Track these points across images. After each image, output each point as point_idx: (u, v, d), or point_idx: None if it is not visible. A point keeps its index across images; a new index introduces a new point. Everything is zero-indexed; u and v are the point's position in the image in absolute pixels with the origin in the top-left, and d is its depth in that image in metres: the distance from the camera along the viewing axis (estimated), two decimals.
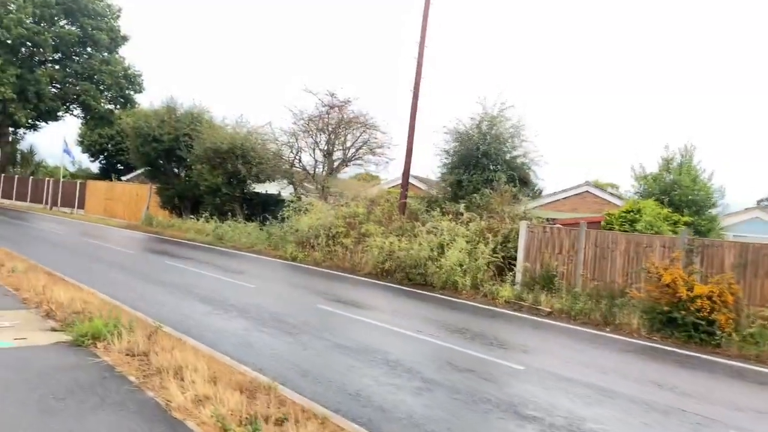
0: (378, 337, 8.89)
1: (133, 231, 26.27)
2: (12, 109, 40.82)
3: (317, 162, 22.29)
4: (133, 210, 33.72)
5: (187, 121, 27.67)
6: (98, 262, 15.05)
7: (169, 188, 28.36)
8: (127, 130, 28.30)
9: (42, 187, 41.22)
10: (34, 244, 17.66)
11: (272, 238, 20.73)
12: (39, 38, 41.25)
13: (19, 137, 49.43)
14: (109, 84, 45.57)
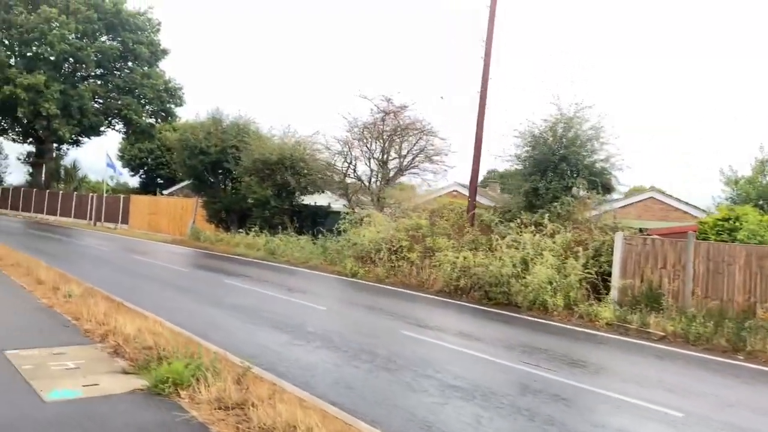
0: (486, 373, 7.63)
1: (180, 246, 25.52)
2: (56, 125, 40.86)
3: (372, 171, 21.14)
4: (178, 224, 33.12)
5: (234, 132, 26.89)
6: (153, 281, 14.12)
7: (216, 201, 27.58)
8: (173, 143, 27.63)
9: (85, 203, 41.07)
10: (84, 263, 16.89)
11: (328, 253, 19.63)
12: (81, 54, 41.29)
13: (63, 153, 49.68)
14: (151, 98, 45.41)
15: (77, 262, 16.75)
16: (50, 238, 25.74)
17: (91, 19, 42.08)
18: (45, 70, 41.14)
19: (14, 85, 38.72)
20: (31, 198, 45.58)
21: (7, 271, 13.08)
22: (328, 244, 20.39)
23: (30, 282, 11.69)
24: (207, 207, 28.24)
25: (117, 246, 23.80)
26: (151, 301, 10.84)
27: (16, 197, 47.13)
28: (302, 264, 19.80)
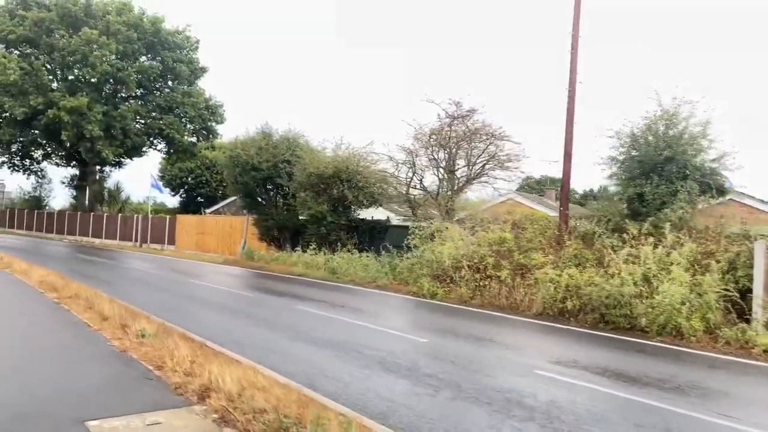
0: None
1: (233, 267, 24.36)
2: (99, 146, 40.45)
3: (441, 181, 19.61)
4: (227, 243, 32.09)
5: (284, 147, 25.72)
6: (223, 310, 12.81)
7: (268, 219, 26.39)
8: (222, 159, 26.62)
9: (131, 224, 40.49)
10: (143, 291, 15.73)
11: (398, 271, 18.14)
12: (122, 74, 40.92)
13: (106, 175, 49.47)
14: (192, 116, 44.86)
15: (136, 290, 15.61)
16: (100, 262, 24.87)
17: (131, 39, 41.77)
18: (87, 92, 40.90)
19: (58, 108, 38.45)
20: (75, 221, 45.32)
21: (68, 305, 11.92)
22: (396, 262, 18.91)
23: (94, 318, 10.46)
24: (258, 225, 27.07)
25: (169, 269, 22.73)
26: (232, 337, 9.49)
27: (61, 221, 46.97)
28: (369, 284, 18.35)
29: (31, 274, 17.18)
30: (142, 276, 19.98)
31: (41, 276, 16.63)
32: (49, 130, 40.03)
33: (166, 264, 25.21)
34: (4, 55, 38.68)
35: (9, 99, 38.42)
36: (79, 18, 41.22)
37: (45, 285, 14.87)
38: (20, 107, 38.34)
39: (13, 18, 41.96)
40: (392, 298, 15.86)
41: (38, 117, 39.39)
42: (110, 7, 42.68)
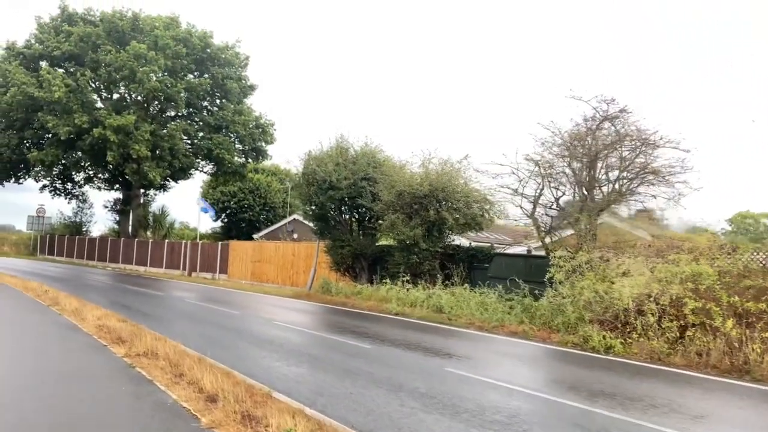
0: None
1: (307, 302, 20.85)
2: (146, 167, 37.67)
3: (584, 197, 15.84)
4: (288, 273, 28.69)
5: (364, 162, 22.33)
6: (346, 375, 9.20)
7: (344, 245, 22.89)
8: (294, 177, 23.32)
9: (178, 251, 37.46)
10: (226, 339, 12.24)
11: (536, 313, 14.38)
12: (171, 91, 38.29)
13: (150, 199, 46.79)
14: (242, 135, 41.99)
15: (217, 338, 12.16)
16: (154, 296, 21.61)
17: (180, 54, 39.23)
18: (133, 110, 38.35)
19: (103, 127, 35.86)
20: (118, 248, 42.54)
21: (145, 369, 8.49)
22: (528, 301, 15.18)
23: (192, 397, 6.98)
24: (332, 252, 23.58)
25: (239, 305, 19.32)
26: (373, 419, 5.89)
27: (103, 248, 44.28)
28: (495, 329, 14.60)
29: (85, 315, 13.91)
30: (211, 315, 16.57)
31: (97, 317, 13.34)
32: (93, 150, 37.43)
33: (229, 298, 21.84)
34: (48, 70, 36.33)
35: (53, 117, 35.98)
36: (126, 33, 38.91)
37: (106, 333, 11.51)
38: (64, 126, 35.85)
39: (58, 34, 39.89)
40: (551, 353, 12.09)
41: (83, 137, 36.86)
42: (157, 23, 40.32)
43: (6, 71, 37.67)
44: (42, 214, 53.23)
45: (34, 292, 19.62)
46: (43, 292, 19.19)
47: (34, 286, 21.06)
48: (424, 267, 20.07)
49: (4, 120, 38.78)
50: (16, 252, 54.17)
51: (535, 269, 17.75)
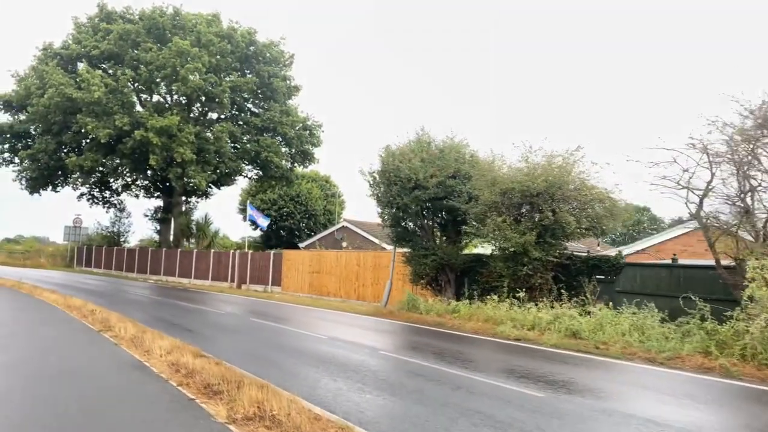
0: None
1: (389, 321, 17.68)
2: (191, 172, 34.99)
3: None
4: (354, 286, 25.58)
5: (451, 158, 19.13)
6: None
7: (428, 254, 19.67)
8: (370, 176, 20.20)
9: (226, 262, 34.67)
10: (322, 376, 9.07)
11: (733, 342, 10.95)
12: (215, 90, 35.64)
13: (192, 206, 44.26)
14: (290, 137, 39.14)
15: (310, 375, 9.00)
16: (212, 313, 18.63)
17: (224, 51, 36.65)
18: (176, 110, 35.79)
19: (145, 129, 33.33)
20: (160, 259, 39.96)
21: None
22: (710, 326, 11.75)
23: None
24: (413, 262, 20.37)
25: (304, 322, 16.24)
26: None
27: (143, 259, 41.77)
28: (671, 361, 11.19)
29: (148, 345, 10.92)
30: (289, 341, 13.48)
31: (166, 350, 10.31)
32: (135, 154, 34.93)
33: (292, 315, 18.78)
34: (87, 69, 33.98)
35: (92, 120, 33.56)
36: (166, 30, 36.47)
37: (187, 376, 8.43)
38: (104, 129, 33.40)
39: (96, 33, 37.67)
40: None
41: (123, 140, 34.37)
42: (199, 20, 37.85)
43: (43, 72, 35.50)
44: (79, 224, 51.15)
45: (79, 311, 16.79)
46: (89, 312, 16.33)
47: (78, 304, 18.26)
48: (535, 280, 16.75)
49: (42, 124, 36.57)
50: (52, 264, 52.15)
51: (685, 282, 14.35)
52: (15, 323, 14.71)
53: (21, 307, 18.59)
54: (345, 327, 16.52)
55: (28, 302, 20.10)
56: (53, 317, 15.93)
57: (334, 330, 15.72)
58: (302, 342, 13.30)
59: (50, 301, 19.87)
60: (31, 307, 18.66)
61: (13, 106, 38.42)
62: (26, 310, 17.76)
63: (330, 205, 56.88)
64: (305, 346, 12.70)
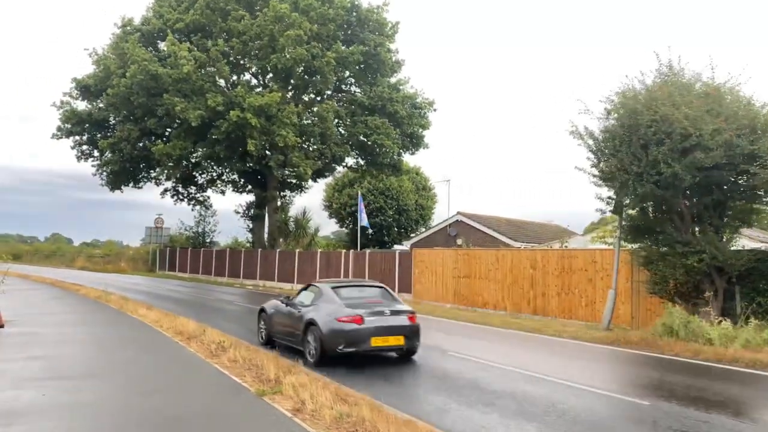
0: None
1: (634, 352, 11.33)
2: (295, 158, 29.54)
3: None
4: (527, 295, 19.35)
5: (735, 106, 12.56)
6: None
7: (689, 252, 13.14)
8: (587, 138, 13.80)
9: (336, 264, 29.12)
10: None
11: None
12: (319, 62, 30.02)
13: (288, 200, 39.02)
14: (401, 117, 33.18)
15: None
16: None
17: (326, 16, 31.01)
18: (275, 88, 30.50)
19: (241, 109, 28.13)
20: (254, 261, 34.83)
21: None
22: None
23: None
24: (659, 264, 13.89)
25: (492, 351, 10.10)
26: None
27: (235, 261, 36.82)
28: None
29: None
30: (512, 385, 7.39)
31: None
32: (230, 140, 29.76)
33: (477, 340, 12.73)
34: (173, 41, 29.08)
35: (180, 100, 28.58)
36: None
37: None
38: (195, 109, 28.38)
39: (180, 5, 32.91)
40: None
41: (216, 122, 29.27)
42: None
43: (124, 49, 30.88)
44: (161, 224, 47.00)
45: (199, 343, 11.31)
46: (216, 345, 10.76)
47: (190, 328, 12.80)
48: None
49: (123, 108, 32.01)
50: (133, 268, 48.28)
51: None
52: (112, 376, 9.21)
53: (115, 338, 13.26)
54: (563, 358, 10.31)
55: (121, 325, 14.87)
56: (174, 362, 10.40)
57: (566, 368, 9.48)
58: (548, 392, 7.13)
59: (151, 323, 14.56)
60: (129, 335, 13.35)
61: (91, 92, 34.12)
62: (124, 344, 12.39)
63: (422, 200, 50.98)
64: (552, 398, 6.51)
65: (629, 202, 13.54)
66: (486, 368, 9.82)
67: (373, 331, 9.82)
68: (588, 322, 16.94)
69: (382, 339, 9.93)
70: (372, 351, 10.05)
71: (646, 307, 15.80)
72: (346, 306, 10.10)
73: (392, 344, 10.06)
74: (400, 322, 10.18)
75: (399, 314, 10.27)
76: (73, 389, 7.79)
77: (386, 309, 10.26)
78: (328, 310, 10.14)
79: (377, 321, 9.91)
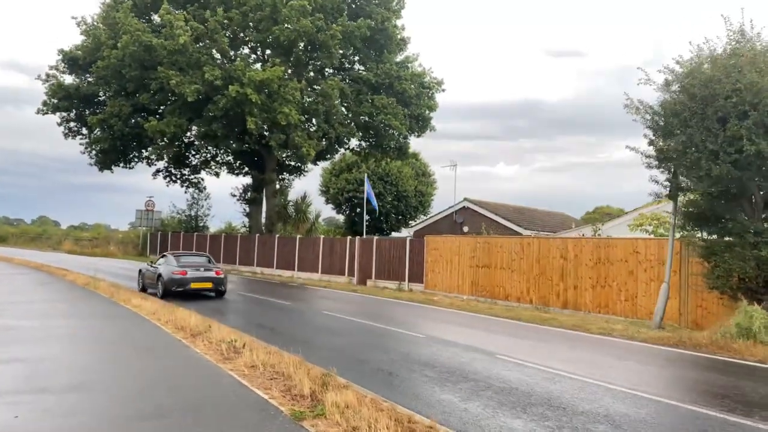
0: None
1: (716, 357, 9.80)
2: (298, 138, 27.72)
3: None
4: (556, 288, 17.81)
5: None
6: None
7: (760, 241, 11.58)
8: (645, 111, 12.18)
9: (340, 251, 27.44)
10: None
11: None
12: (323, 36, 28.13)
13: (287, 184, 37.19)
14: (410, 97, 31.41)
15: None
16: (405, 337, 11.14)
17: None
18: (272, 56, 28.62)
19: (241, 84, 26.24)
20: (252, 247, 33.06)
21: None
22: None
23: None
24: (725, 255, 12.30)
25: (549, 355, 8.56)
26: None
27: (230, 247, 35.02)
28: None
29: None
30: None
31: None
32: (228, 117, 27.88)
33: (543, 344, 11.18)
34: (168, 10, 27.05)
35: (176, 73, 26.63)
36: None
37: None
38: (191, 84, 26.44)
39: None
40: None
41: (213, 98, 27.36)
42: None
43: (115, 19, 28.79)
44: (151, 207, 44.99)
45: (206, 342, 9.65)
46: (227, 345, 9.10)
47: (192, 322, 11.14)
48: None
49: (114, 82, 29.97)
50: (123, 252, 46.33)
51: None
52: (106, 389, 7.53)
53: (107, 334, 11.57)
54: (634, 363, 8.74)
55: (113, 317, 13.13)
56: (180, 368, 8.72)
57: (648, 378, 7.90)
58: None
59: (147, 316, 12.85)
60: (124, 331, 11.63)
61: (79, 64, 32.00)
62: (118, 342, 10.71)
63: (422, 186, 49.36)
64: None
65: (694, 186, 11.90)
66: (554, 379, 8.22)
67: (192, 279, 17.43)
68: (628, 318, 15.45)
69: (198, 284, 17.63)
70: (193, 291, 17.49)
71: (696, 303, 14.29)
72: (178, 265, 17.67)
73: (204, 286, 17.81)
74: (210, 275, 17.89)
75: (209, 270, 18.06)
76: (56, 409, 6.10)
77: (202, 268, 18.08)
78: (169, 268, 17.65)
79: (195, 274, 17.60)
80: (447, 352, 10.04)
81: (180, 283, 17.13)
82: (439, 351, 10.16)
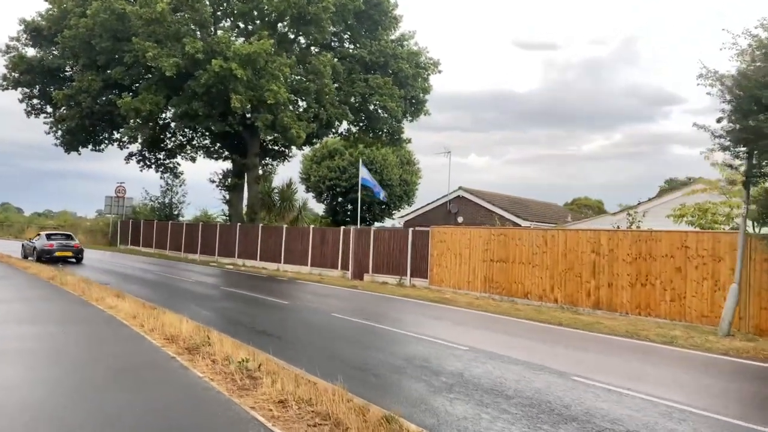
0: None
1: None
2: (286, 119, 25.37)
3: None
4: (587, 286, 15.99)
5: None
6: None
7: None
8: (727, 86, 10.30)
9: (333, 242, 25.28)
10: None
11: None
12: (314, 8, 25.79)
13: (270, 169, 34.75)
14: (406, 77, 29.28)
15: None
16: (439, 348, 9.14)
17: None
18: (257, 27, 26.23)
19: (225, 59, 23.79)
20: (233, 236, 30.66)
21: None
22: None
23: None
24: None
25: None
26: None
27: (209, 236, 32.55)
28: None
29: None
30: None
31: None
32: (210, 94, 25.38)
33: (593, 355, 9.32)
34: None
35: (152, 45, 24.03)
36: None
37: None
38: (169, 57, 23.89)
39: None
40: None
41: (195, 73, 24.85)
42: None
43: None
44: (122, 194, 42.09)
45: (208, 361, 7.48)
46: (237, 367, 6.95)
47: (185, 331, 8.95)
48: None
49: (83, 54, 27.15)
50: (92, 241, 43.34)
51: None
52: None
53: (78, 349, 9.31)
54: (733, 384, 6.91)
55: (85, 323, 10.82)
56: (181, 409, 6.52)
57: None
58: None
59: (127, 320, 10.58)
60: (99, 344, 9.37)
61: (43, 35, 29.05)
62: (92, 362, 8.47)
63: (406, 174, 47.41)
64: None
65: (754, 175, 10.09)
66: (671, 414, 6.29)
67: (57, 249, 25.34)
68: (675, 321, 13.70)
69: (61, 253, 25.37)
70: (57, 258, 24.93)
71: (760, 305, 12.58)
72: (47, 240, 25.93)
73: (66, 254, 25.48)
74: (70, 247, 25.95)
75: (70, 244, 26.26)
76: None
77: (65, 242, 26.16)
78: (42, 243, 25.76)
79: (59, 246, 25.53)
80: (510, 373, 8.04)
81: (48, 252, 25.02)
82: (496, 371, 8.16)
